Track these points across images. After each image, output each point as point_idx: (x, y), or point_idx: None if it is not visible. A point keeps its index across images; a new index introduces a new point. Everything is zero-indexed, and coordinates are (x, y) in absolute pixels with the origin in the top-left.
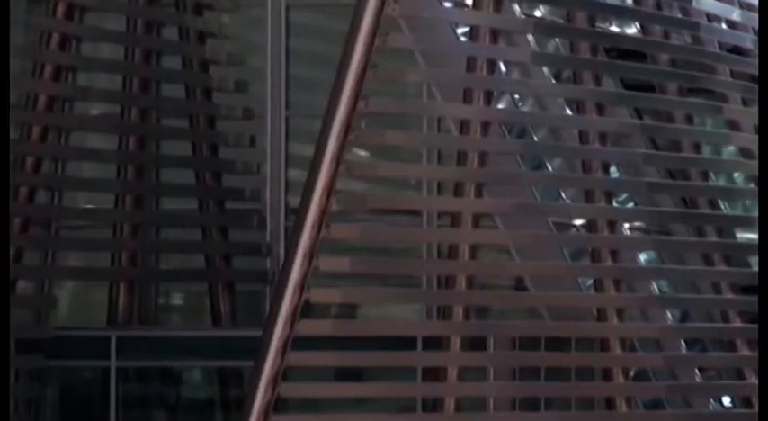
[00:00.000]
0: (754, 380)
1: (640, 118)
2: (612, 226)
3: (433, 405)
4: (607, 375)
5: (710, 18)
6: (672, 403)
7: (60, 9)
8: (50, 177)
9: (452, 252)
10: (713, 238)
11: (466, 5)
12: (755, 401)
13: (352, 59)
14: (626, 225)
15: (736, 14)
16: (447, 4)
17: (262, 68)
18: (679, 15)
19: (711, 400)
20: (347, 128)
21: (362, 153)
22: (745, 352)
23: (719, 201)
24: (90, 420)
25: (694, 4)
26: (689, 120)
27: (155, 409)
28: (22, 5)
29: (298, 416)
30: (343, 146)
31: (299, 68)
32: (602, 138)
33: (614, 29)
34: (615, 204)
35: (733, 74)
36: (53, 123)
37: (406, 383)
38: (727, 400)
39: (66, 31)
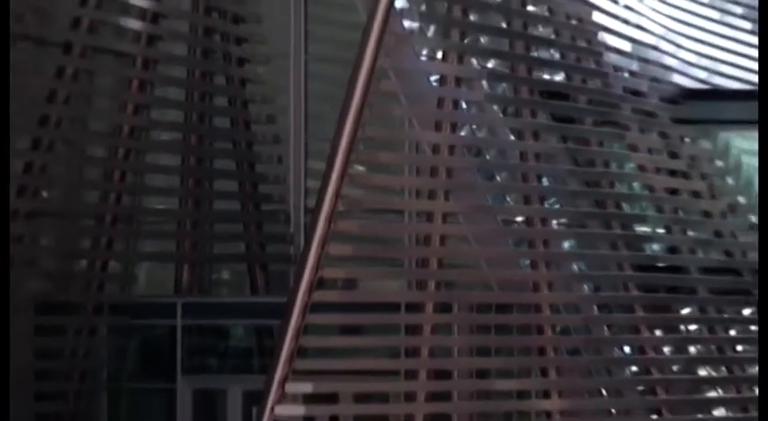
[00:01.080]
0: (647, 333)
1: (565, 142)
2: (544, 222)
3: (413, 352)
4: (540, 331)
5: (616, 68)
6: (587, 351)
7: (139, 61)
8: (132, 186)
9: (427, 240)
10: (618, 231)
11: (437, 59)
12: (649, 350)
13: (354, 98)
14: (554, 221)
15: (635, 66)
16: (423, 58)
17: (287, 106)
18: (593, 66)
19: (617, 349)
20: (350, 149)
21: (361, 167)
22: (640, 313)
23: (622, 204)
24: (162, 365)
25: (604, 58)
26: (600, 144)
27: (209, 357)
28: (110, 59)
29: (315, 361)
30: (347, 162)
31: (314, 105)
32: (537, 157)
33: (546, 76)
34: (546, 206)
35: (633, 110)
36: (135, 147)
37: (392, 336)
38: (627, 349)
39: (144, 77)
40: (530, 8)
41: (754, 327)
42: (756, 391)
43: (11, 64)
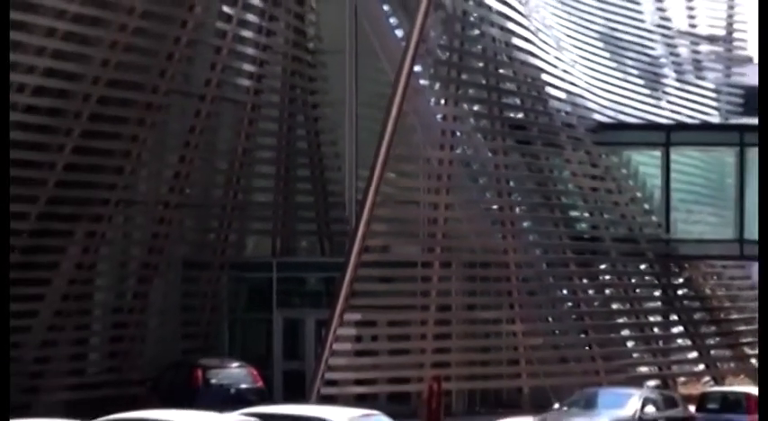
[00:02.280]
0: (577, 281)
1: (524, 157)
2: (511, 208)
3: (425, 294)
4: (507, 279)
5: (557, 110)
6: (539, 292)
7: (248, 105)
8: (244, 186)
9: (434, 221)
10: (558, 214)
11: (440, 104)
12: (579, 292)
13: (387, 129)
14: (517, 208)
15: (568, 108)
16: (431, 104)
17: (344, 134)
18: (541, 108)
19: (558, 291)
20: (385, 162)
21: (392, 174)
22: (573, 268)
23: (561, 197)
24: (263, 303)
25: (549, 103)
26: (546, 158)
27: (294, 297)
28: (230, 105)
29: (362, 299)
30: (383, 171)
31: (362, 134)
32: (506, 167)
33: (511, 115)
34: (512, 198)
35: (567, 136)
36: (246, 161)
37: (411, 283)
38: (565, 291)
39: (251, 116)
40: (500, 71)
41: (648, 277)
42: (655, 319)
43: (167, 108)
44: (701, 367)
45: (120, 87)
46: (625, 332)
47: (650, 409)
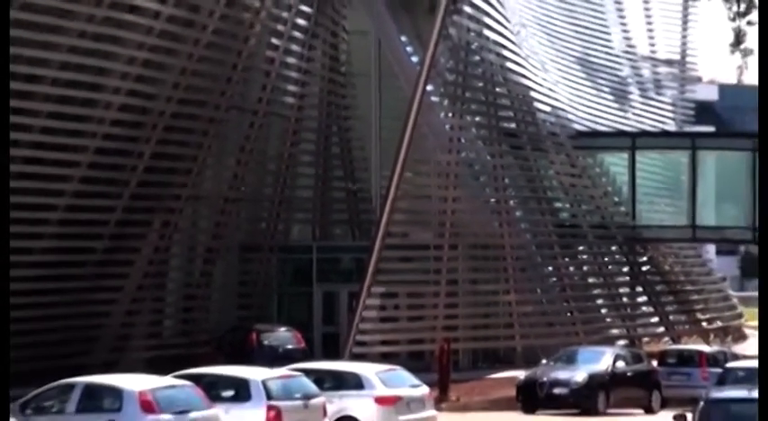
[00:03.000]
0: (561, 259)
1: (516, 159)
2: (506, 201)
3: (437, 271)
4: (504, 258)
5: (543, 120)
6: (529, 269)
7: (292, 119)
8: (289, 184)
9: (444, 212)
10: (544, 205)
11: (448, 116)
12: (562, 268)
13: (405, 137)
14: (511, 201)
15: (552, 119)
16: (441, 116)
17: (370, 142)
18: (531, 119)
19: (545, 269)
20: (404, 164)
21: (408, 173)
22: (557, 249)
23: (547, 191)
24: (305, 279)
25: (537, 115)
26: (534, 160)
27: (330, 273)
28: (278, 119)
29: (387, 275)
30: (402, 171)
31: (385, 142)
32: (502, 167)
33: (505, 125)
34: (507, 193)
35: (551, 142)
36: (290, 163)
37: (426, 262)
38: (550, 268)
39: (295, 128)
40: (497, 89)
41: (617, 257)
42: (623, 291)
43: (226, 122)
44: (662, 329)
45: (189, 105)
46: (599, 301)
47: (620, 364)
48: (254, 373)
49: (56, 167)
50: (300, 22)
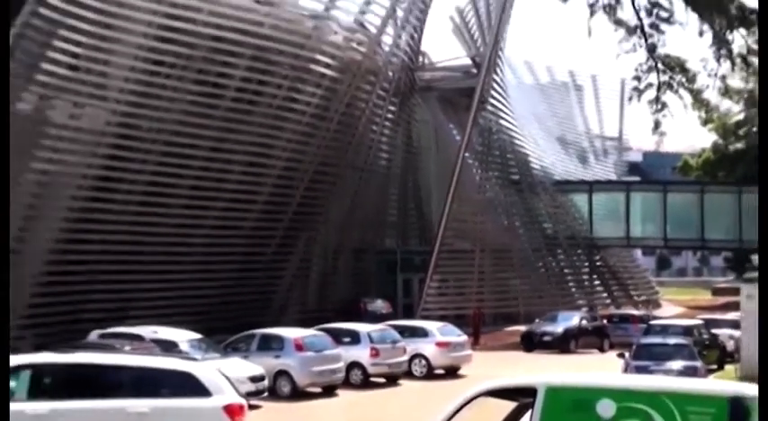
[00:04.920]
0: (547, 258)
1: (519, 197)
2: (513, 222)
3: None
4: (512, 258)
5: (533, 171)
6: (529, 264)
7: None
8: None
9: (477, 228)
10: (537, 224)
11: (475, 173)
12: (549, 266)
13: (452, 183)
14: (516, 222)
15: (541, 172)
16: (473, 171)
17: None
18: (525, 171)
19: (538, 263)
20: (453, 199)
21: (455, 205)
22: (544, 251)
23: (539, 216)
24: (393, 270)
25: (532, 170)
26: (530, 198)
27: (408, 270)
28: (379, 175)
29: (442, 268)
30: (452, 204)
31: (441, 192)
32: (510, 202)
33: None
34: (513, 218)
35: (541, 186)
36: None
37: (463, 259)
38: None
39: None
40: (507, 155)
41: (581, 256)
42: (585, 277)
43: (347, 176)
44: (609, 301)
45: (324, 165)
46: (571, 284)
47: (584, 322)
48: (362, 327)
49: (245, 203)
50: (389, 115)
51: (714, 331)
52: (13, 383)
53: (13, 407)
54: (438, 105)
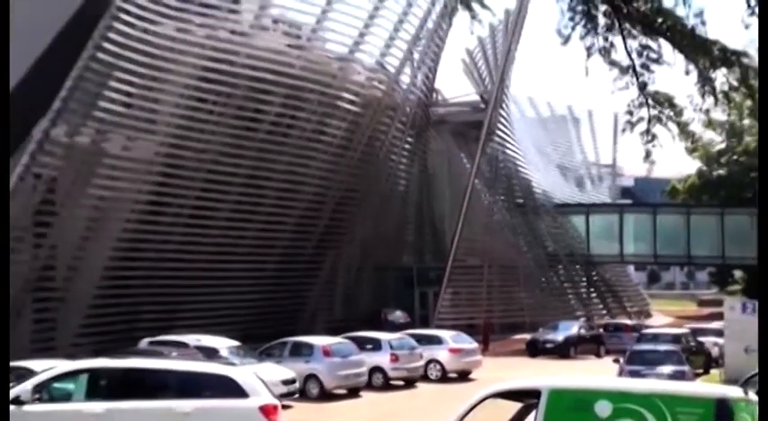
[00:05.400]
0: (549, 273)
1: (524, 219)
2: (519, 241)
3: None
4: (517, 274)
5: (536, 195)
6: (532, 279)
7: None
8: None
9: (486, 247)
10: (541, 243)
11: (483, 198)
12: (552, 280)
13: (464, 207)
14: (521, 241)
15: (543, 196)
16: (482, 197)
17: (446, 217)
18: (528, 196)
19: (540, 278)
20: (463, 221)
21: (466, 228)
22: (546, 267)
23: (540, 236)
24: (410, 284)
25: (535, 195)
26: (534, 219)
27: (424, 284)
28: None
29: (454, 282)
30: (463, 225)
31: (454, 214)
32: (516, 224)
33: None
34: (519, 237)
35: (543, 208)
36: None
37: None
38: None
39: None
40: (513, 181)
41: (580, 271)
42: (584, 291)
43: (369, 200)
44: (605, 312)
45: (349, 191)
46: (570, 296)
47: (582, 331)
48: (383, 335)
49: (278, 225)
50: (406, 146)
51: (700, 339)
52: (71, 385)
53: (72, 406)
54: (450, 137)
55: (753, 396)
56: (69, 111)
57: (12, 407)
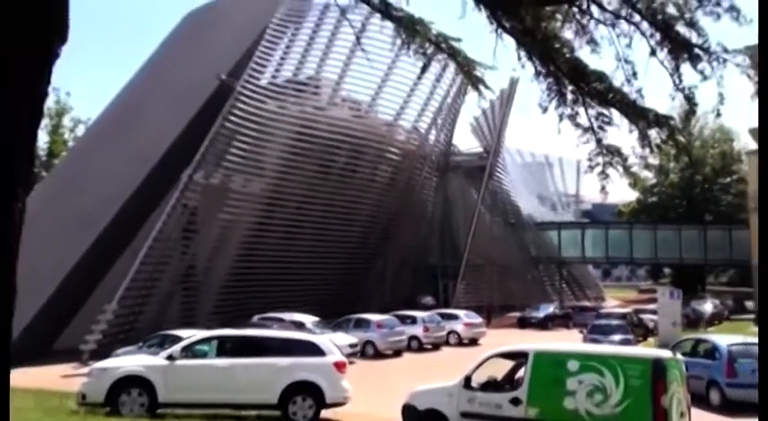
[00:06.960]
0: (533, 272)
1: (514, 233)
2: (511, 250)
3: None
4: (511, 273)
5: (523, 219)
6: (522, 277)
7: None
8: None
9: (488, 253)
10: (526, 250)
11: (489, 216)
12: (537, 277)
13: (473, 226)
14: (514, 247)
15: (527, 217)
16: (487, 216)
17: (460, 232)
18: (519, 217)
19: (529, 275)
20: (472, 237)
21: (474, 240)
22: (530, 261)
23: (527, 245)
24: (434, 277)
25: (521, 215)
26: (522, 234)
27: (444, 275)
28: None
29: (467, 277)
30: (472, 239)
31: (465, 230)
32: (509, 237)
33: (511, 220)
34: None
35: (526, 227)
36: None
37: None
38: None
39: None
40: (506, 206)
41: (554, 269)
42: (557, 285)
43: (404, 221)
44: (572, 298)
45: (389, 213)
46: (548, 286)
47: (557, 311)
48: (418, 313)
49: (345, 238)
50: (433, 183)
51: (641, 316)
52: (206, 347)
53: (207, 362)
54: (463, 177)
55: (679, 356)
56: (206, 161)
57: (166, 362)
